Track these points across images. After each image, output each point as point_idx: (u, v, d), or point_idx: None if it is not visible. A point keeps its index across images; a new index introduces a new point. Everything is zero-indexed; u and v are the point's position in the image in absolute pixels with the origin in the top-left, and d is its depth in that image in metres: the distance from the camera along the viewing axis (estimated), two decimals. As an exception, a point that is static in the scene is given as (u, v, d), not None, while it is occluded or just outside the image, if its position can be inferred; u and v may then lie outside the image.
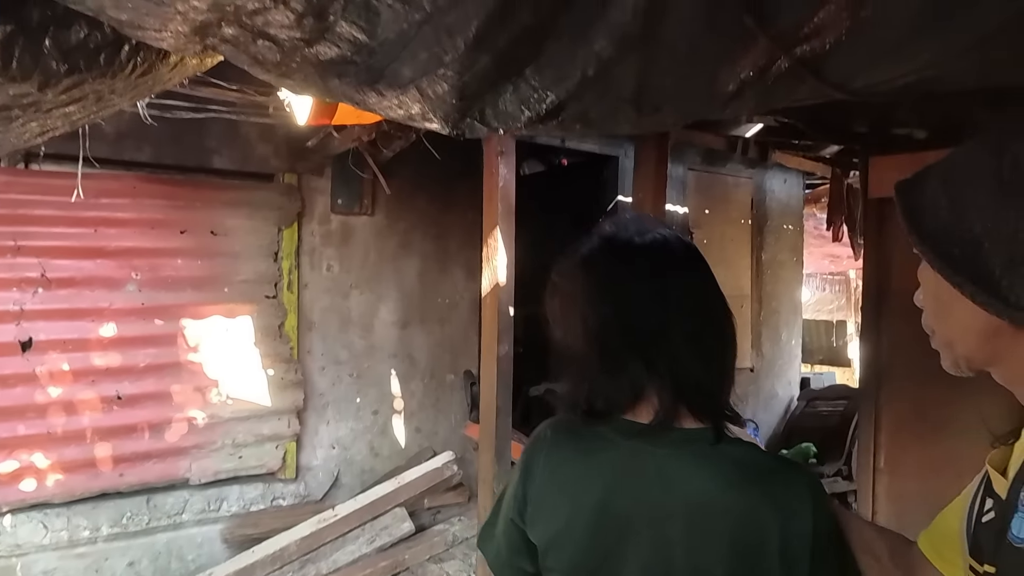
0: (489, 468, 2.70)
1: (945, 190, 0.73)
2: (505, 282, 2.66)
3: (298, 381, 3.60)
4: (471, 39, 0.96)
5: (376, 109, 1.26)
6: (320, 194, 3.74)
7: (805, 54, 1.01)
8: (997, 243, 0.67)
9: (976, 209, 0.69)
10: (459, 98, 1.14)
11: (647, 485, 0.86)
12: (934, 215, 0.73)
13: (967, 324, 0.73)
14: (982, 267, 0.68)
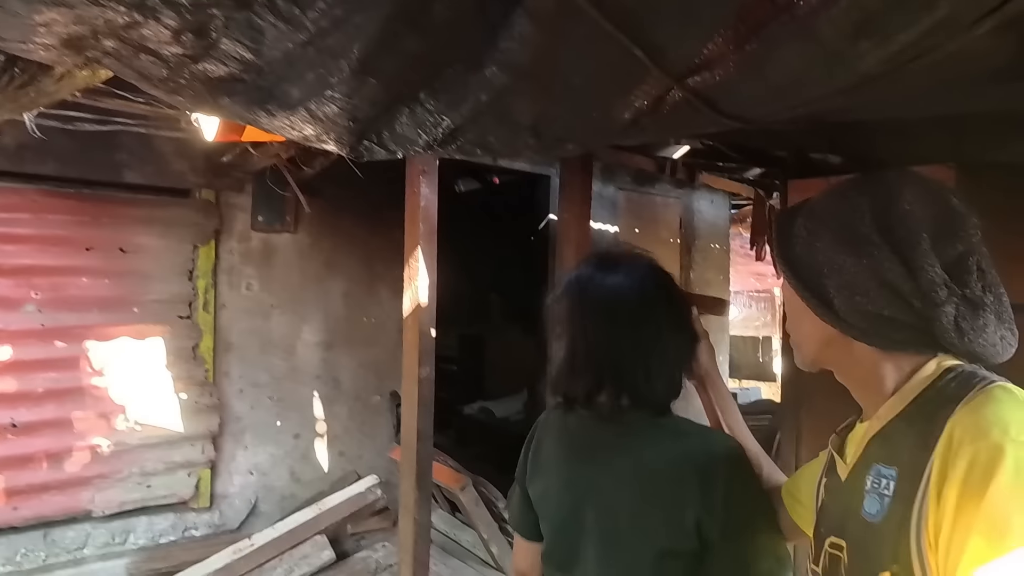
0: (411, 494, 2.63)
1: (805, 224, 0.91)
2: (427, 303, 2.62)
3: (213, 405, 3.46)
4: (355, 62, 0.93)
5: (271, 129, 1.22)
6: (240, 211, 3.62)
7: (698, 85, 1.02)
8: (834, 273, 0.86)
9: (821, 245, 0.88)
10: (351, 120, 1.11)
11: (605, 455, 1.14)
12: (795, 243, 0.91)
13: (811, 332, 0.93)
14: (822, 289, 0.87)
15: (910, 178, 0.88)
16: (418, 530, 2.62)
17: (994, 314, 0.81)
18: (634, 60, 0.94)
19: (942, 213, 0.83)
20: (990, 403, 0.75)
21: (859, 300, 0.84)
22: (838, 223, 0.87)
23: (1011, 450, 0.70)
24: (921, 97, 1.21)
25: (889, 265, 0.82)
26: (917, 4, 0.80)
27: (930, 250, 0.81)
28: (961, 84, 1.12)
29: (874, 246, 0.83)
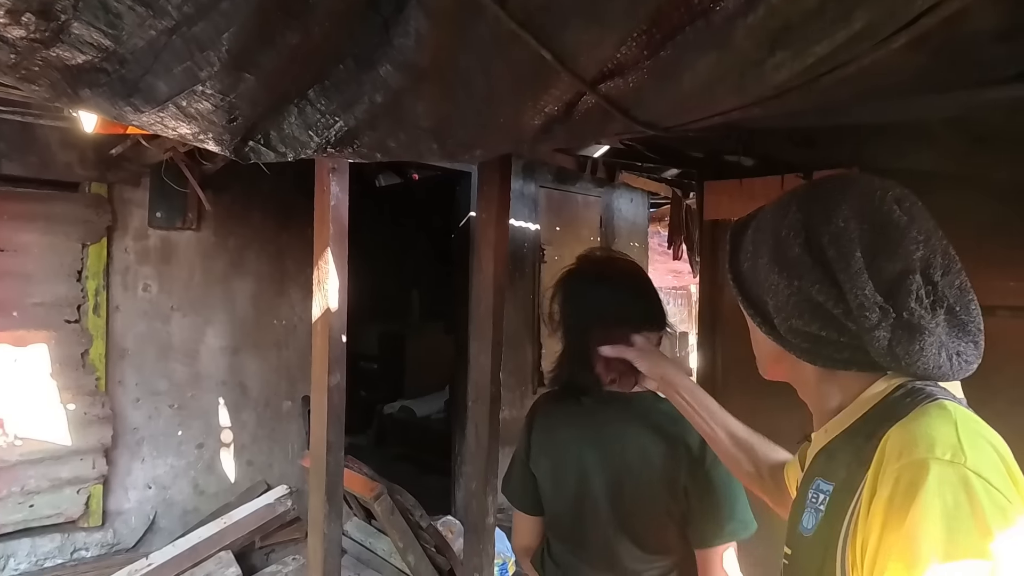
0: (320, 508, 2.50)
1: (752, 239, 0.90)
2: (338, 308, 2.49)
3: (106, 416, 3.20)
4: (226, 55, 0.82)
5: (142, 126, 1.09)
6: (136, 207, 3.37)
7: (611, 91, 0.96)
8: (771, 293, 0.85)
9: (762, 263, 0.87)
10: (230, 120, 0.99)
11: (612, 433, 1.35)
12: (743, 259, 0.92)
13: (762, 347, 0.93)
14: (764, 307, 0.88)
15: (853, 189, 0.82)
16: (328, 545, 2.50)
17: (945, 333, 0.77)
18: (543, 63, 0.87)
19: (880, 228, 0.79)
20: (921, 420, 0.73)
21: (795, 322, 0.83)
22: (775, 240, 0.85)
23: (934, 468, 0.68)
24: (830, 109, 1.20)
25: (820, 288, 0.79)
26: (834, 16, 0.77)
27: (863, 270, 0.77)
28: (870, 97, 1.11)
29: (806, 268, 0.81)
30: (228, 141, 1.07)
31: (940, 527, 0.66)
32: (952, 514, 0.66)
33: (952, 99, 1.15)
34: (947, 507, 0.66)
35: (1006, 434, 2.61)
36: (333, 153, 1.13)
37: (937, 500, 0.66)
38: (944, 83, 1.06)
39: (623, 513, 1.34)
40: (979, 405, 2.74)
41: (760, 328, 0.89)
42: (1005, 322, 3.29)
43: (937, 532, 0.66)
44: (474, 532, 2.81)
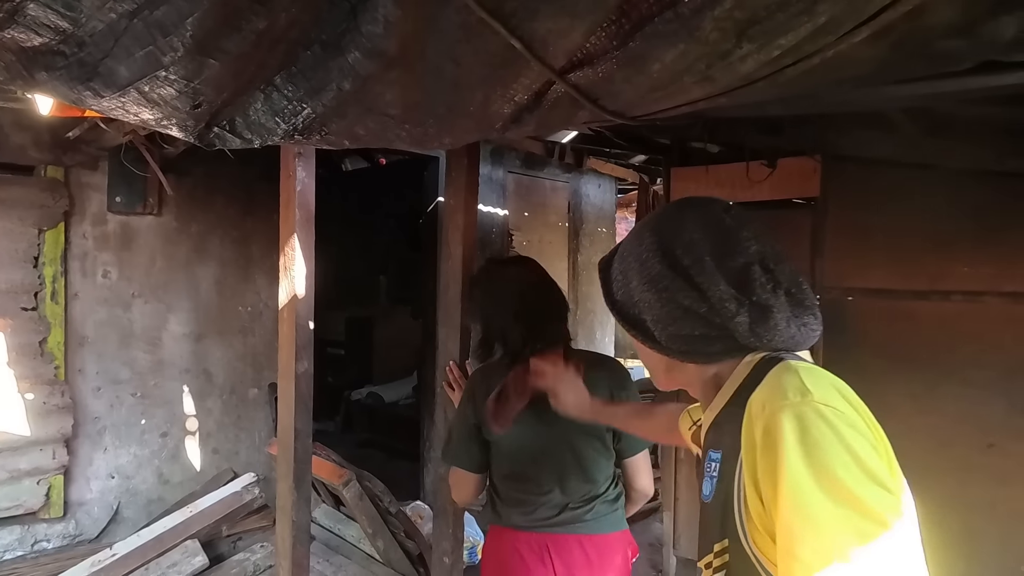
0: (288, 495, 2.49)
1: (620, 269, 1.02)
2: (304, 294, 2.46)
3: (66, 405, 3.13)
4: (189, 40, 0.80)
5: (102, 111, 1.06)
6: (94, 191, 3.28)
7: (581, 80, 0.97)
8: (647, 310, 0.97)
9: (634, 286, 0.98)
10: (194, 105, 0.97)
11: None
12: (615, 288, 1.04)
13: (653, 362, 1.04)
14: (644, 324, 0.98)
15: (691, 209, 0.99)
16: (296, 533, 2.49)
17: (789, 309, 0.90)
18: (513, 52, 0.87)
19: (719, 234, 0.94)
20: (772, 378, 0.85)
21: (671, 329, 0.95)
22: (638, 263, 0.98)
23: (788, 412, 0.78)
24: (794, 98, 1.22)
25: (684, 293, 0.92)
26: (798, 10, 0.78)
27: (715, 270, 0.91)
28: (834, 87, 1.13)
29: (668, 279, 0.93)
30: (192, 127, 1.05)
31: (805, 461, 0.74)
32: (813, 443, 0.75)
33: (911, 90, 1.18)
34: (807, 439, 0.75)
35: (960, 412, 2.69)
36: (300, 140, 1.11)
37: (796, 438, 0.76)
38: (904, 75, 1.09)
39: (575, 452, 1.70)
40: (933, 386, 2.82)
41: (645, 344, 1.00)
42: (959, 306, 3.39)
43: (804, 467, 0.74)
44: (443, 516, 2.83)
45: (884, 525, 0.72)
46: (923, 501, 0.87)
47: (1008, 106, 2.41)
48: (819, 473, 0.73)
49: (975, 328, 3.30)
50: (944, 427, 3.32)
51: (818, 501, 0.73)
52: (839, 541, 0.72)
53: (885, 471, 0.77)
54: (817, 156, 3.80)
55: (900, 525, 0.73)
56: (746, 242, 0.93)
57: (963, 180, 3.28)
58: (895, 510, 0.74)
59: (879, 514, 0.72)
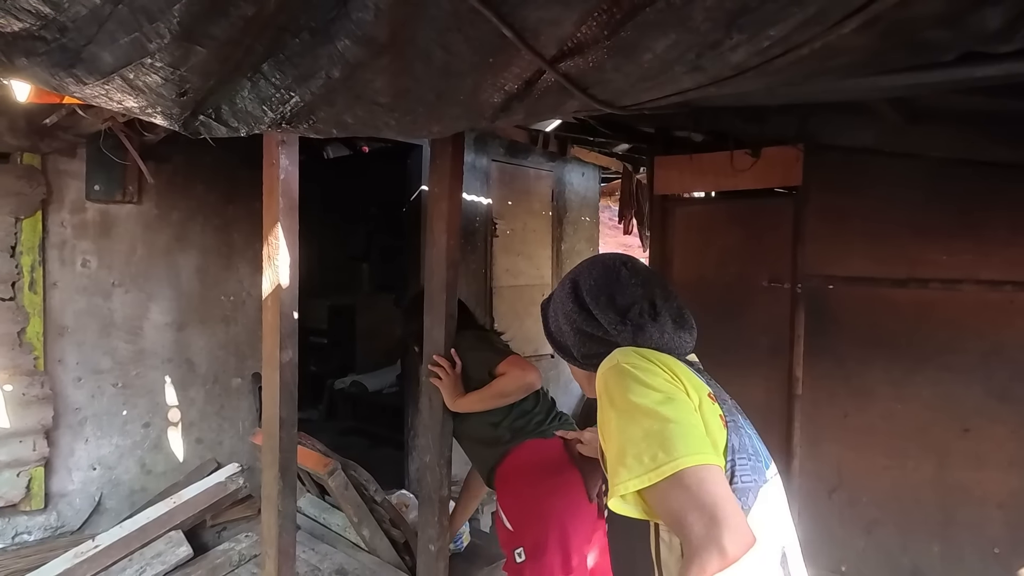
0: (273, 484, 2.48)
1: (551, 309, 1.42)
2: (288, 283, 2.44)
3: (46, 396, 3.09)
4: (176, 27, 0.79)
5: (85, 98, 1.04)
6: (72, 178, 3.22)
7: (571, 70, 0.96)
8: (568, 337, 1.36)
9: (559, 319, 1.38)
10: (180, 93, 0.96)
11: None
12: (550, 323, 1.42)
13: (578, 376, 1.43)
14: (567, 348, 1.37)
15: (598, 262, 1.38)
16: (282, 522, 2.49)
17: (670, 327, 1.27)
18: (503, 40, 0.87)
19: (613, 282, 1.31)
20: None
21: (583, 350, 1.33)
22: (560, 304, 1.38)
23: (601, 373, 1.16)
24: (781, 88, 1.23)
25: (587, 323, 1.31)
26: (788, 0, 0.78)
27: (607, 305, 1.29)
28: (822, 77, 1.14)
29: (576, 313, 1.32)
30: (178, 115, 1.03)
31: (606, 396, 1.11)
32: (611, 387, 1.11)
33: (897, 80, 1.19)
34: (607, 387, 1.12)
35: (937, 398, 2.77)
36: (288, 128, 1.10)
37: (602, 387, 1.13)
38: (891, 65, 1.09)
39: None
40: (911, 372, 2.87)
41: (570, 363, 1.39)
42: (936, 293, 3.45)
43: (607, 400, 1.11)
44: (428, 504, 2.84)
45: (655, 415, 1.04)
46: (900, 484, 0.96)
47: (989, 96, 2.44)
48: (617, 403, 1.09)
49: (952, 315, 3.36)
50: (922, 412, 3.39)
51: (618, 421, 1.07)
52: (631, 432, 1.04)
53: (665, 389, 1.09)
54: (799, 145, 3.83)
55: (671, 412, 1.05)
56: (633, 288, 1.30)
57: (942, 170, 3.32)
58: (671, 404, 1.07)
59: (652, 409, 1.05)
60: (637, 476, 1.00)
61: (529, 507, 2.27)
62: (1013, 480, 3.20)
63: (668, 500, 0.98)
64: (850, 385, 3.62)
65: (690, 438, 1.02)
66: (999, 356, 3.23)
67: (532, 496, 2.27)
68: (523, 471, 2.33)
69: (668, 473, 0.98)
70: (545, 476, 2.27)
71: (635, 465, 1.00)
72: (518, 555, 2.30)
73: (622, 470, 1.02)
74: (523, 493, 2.30)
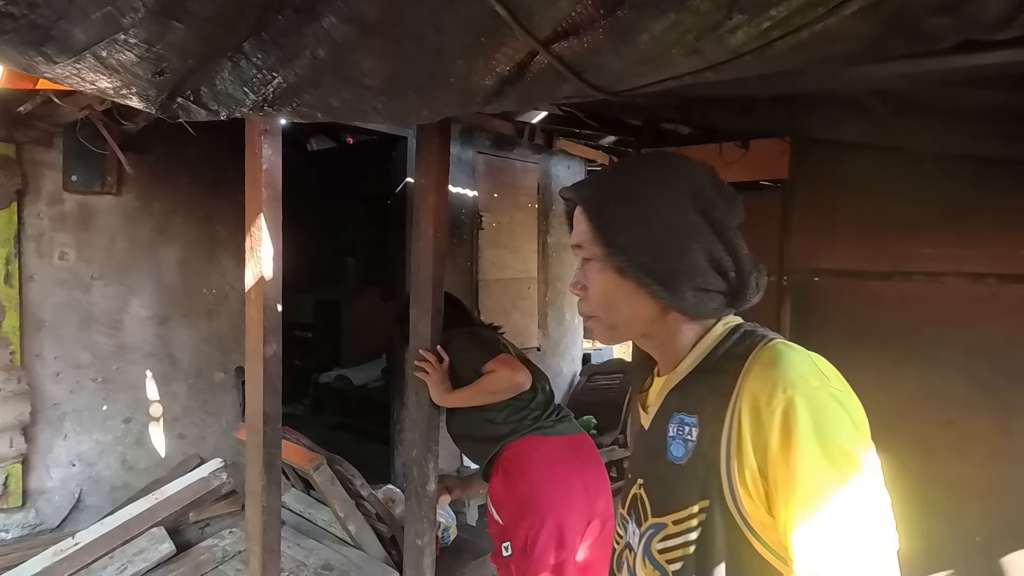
0: (258, 480, 2.44)
1: (634, 213, 0.95)
2: (272, 276, 2.40)
3: (23, 391, 3.03)
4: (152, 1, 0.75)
5: (56, 79, 0.99)
6: (49, 169, 3.15)
7: (566, 52, 0.93)
8: (674, 258, 0.93)
9: (657, 230, 0.94)
10: (156, 72, 0.92)
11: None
12: (622, 232, 0.96)
13: (638, 312, 0.98)
14: (659, 272, 0.94)
15: (699, 166, 0.99)
16: (267, 518, 2.45)
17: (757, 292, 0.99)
18: (497, 20, 0.84)
19: (727, 194, 0.98)
20: (778, 361, 0.86)
21: (697, 281, 0.94)
22: (668, 210, 0.95)
23: (800, 400, 0.81)
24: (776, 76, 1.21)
25: (718, 249, 0.94)
26: (792, -22, 0.76)
27: (737, 228, 0.96)
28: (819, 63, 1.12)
29: (704, 233, 0.94)
30: (154, 97, 0.99)
31: (818, 441, 0.79)
32: (825, 425, 0.80)
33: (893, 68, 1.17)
34: (820, 422, 0.80)
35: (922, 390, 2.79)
36: (271, 112, 1.06)
37: (812, 423, 0.80)
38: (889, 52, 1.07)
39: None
40: (896, 364, 2.87)
41: (650, 291, 0.95)
42: (921, 286, 3.46)
43: (818, 446, 0.79)
44: (415, 499, 2.81)
45: (872, 484, 0.80)
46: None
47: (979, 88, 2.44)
48: (830, 448, 0.79)
49: (937, 308, 3.37)
50: (906, 404, 3.40)
51: (824, 468, 0.78)
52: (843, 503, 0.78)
53: (868, 434, 0.84)
54: (787, 138, 3.83)
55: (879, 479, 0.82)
56: (740, 204, 0.99)
57: (928, 164, 3.33)
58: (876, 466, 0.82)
59: (868, 474, 0.80)
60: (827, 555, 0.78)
61: (522, 503, 2.24)
62: (995, 471, 3.22)
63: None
64: (835, 377, 3.63)
65: (889, 512, 0.82)
66: (983, 349, 3.25)
67: (527, 492, 2.24)
68: (517, 466, 2.30)
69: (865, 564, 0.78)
70: (540, 472, 2.25)
71: (846, 552, 0.78)
72: (505, 549, 2.29)
73: (807, 542, 0.79)
74: (516, 488, 2.27)
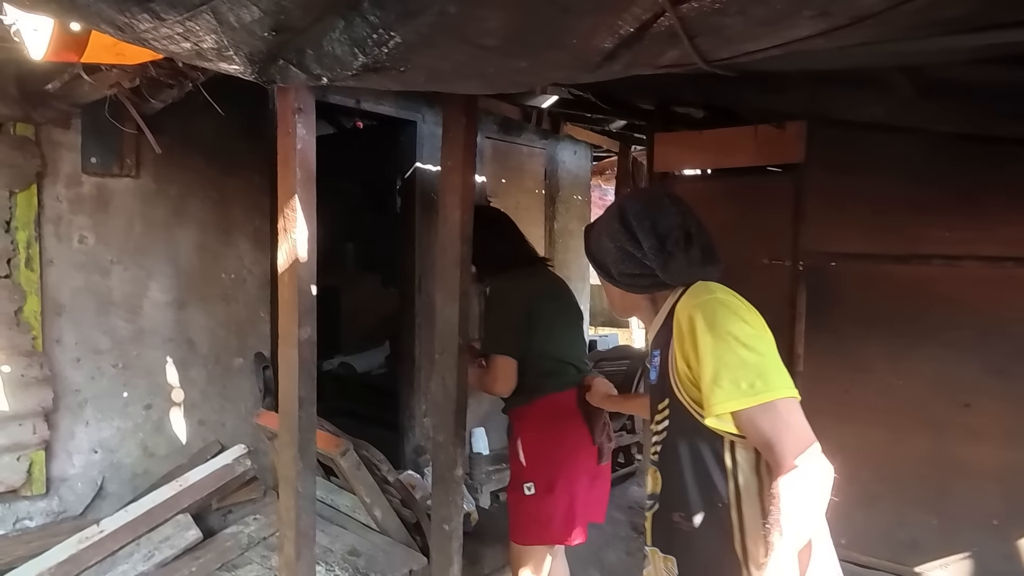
0: (291, 465, 2.41)
1: (596, 230, 1.64)
2: (307, 258, 2.36)
3: (45, 377, 2.97)
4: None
5: (148, 41, 0.95)
6: (67, 150, 3.08)
7: (691, 12, 0.91)
8: (608, 256, 1.57)
9: (603, 240, 1.58)
10: (273, 30, 0.88)
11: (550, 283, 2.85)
12: (592, 243, 1.64)
13: (612, 294, 1.67)
14: (606, 266, 1.59)
15: (644, 193, 1.71)
16: (302, 503, 2.42)
17: (698, 257, 1.46)
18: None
19: (656, 209, 1.51)
20: (689, 290, 1.41)
21: (621, 268, 1.54)
22: (607, 225, 1.57)
23: (697, 309, 1.31)
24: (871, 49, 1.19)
25: (629, 244, 1.50)
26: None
27: (649, 231, 1.47)
28: (922, 32, 1.10)
29: (621, 234, 1.51)
30: (259, 58, 0.96)
31: (708, 328, 1.26)
32: (709, 316, 1.27)
33: (985, 39, 1.16)
34: (704, 314, 1.28)
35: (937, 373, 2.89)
36: (372, 78, 1.03)
37: (698, 315, 1.28)
38: (989, 20, 1.06)
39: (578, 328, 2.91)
40: (911, 348, 2.89)
41: (608, 281, 1.61)
42: (938, 270, 3.48)
43: (708, 331, 1.25)
44: (442, 483, 2.79)
45: (750, 346, 1.24)
46: (899, 459, 1.25)
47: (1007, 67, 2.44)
48: (715, 331, 1.25)
49: (953, 291, 3.39)
50: (921, 388, 3.42)
51: (716, 347, 1.23)
52: (729, 359, 1.22)
53: (756, 325, 1.30)
54: (802, 121, 3.82)
55: (763, 346, 1.27)
56: (673, 215, 1.49)
57: (945, 145, 3.34)
58: (763, 339, 1.28)
59: (747, 340, 1.24)
60: (734, 399, 1.20)
61: (550, 448, 2.63)
62: (1010, 454, 3.25)
63: (758, 422, 1.19)
64: (850, 361, 3.64)
65: (781, 372, 1.23)
66: (999, 332, 3.27)
67: (552, 440, 2.63)
68: (550, 416, 2.66)
69: (764, 400, 1.18)
70: (566, 423, 2.65)
71: (732, 388, 1.20)
72: (527, 488, 2.65)
73: (718, 391, 1.21)
74: (544, 436, 2.64)
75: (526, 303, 2.68)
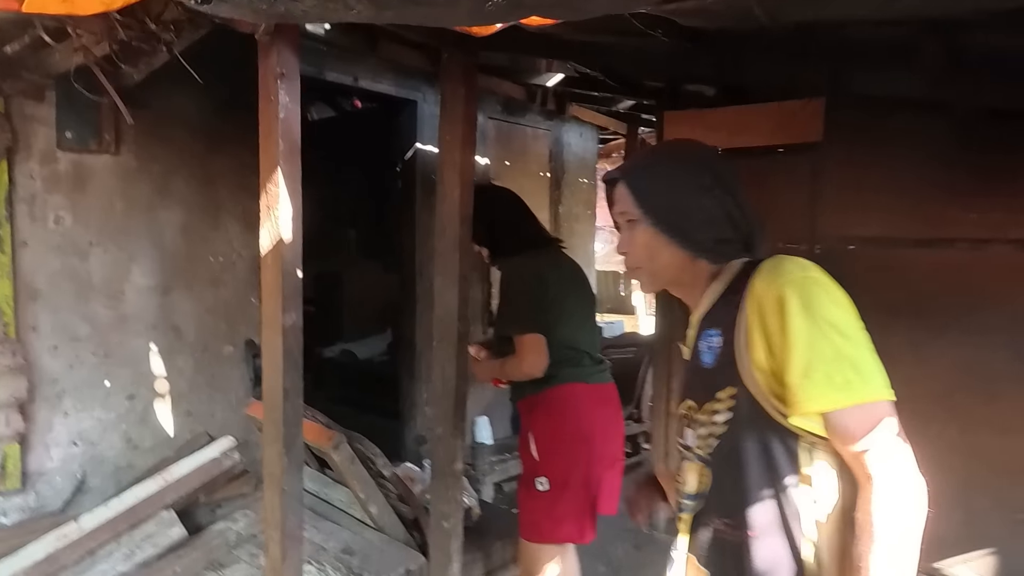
0: (277, 461, 2.25)
1: (664, 179, 1.31)
2: (291, 238, 2.19)
3: (18, 366, 2.80)
4: None
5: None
6: (41, 125, 2.90)
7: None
8: (693, 214, 1.27)
9: (682, 193, 1.28)
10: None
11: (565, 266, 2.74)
12: (655, 195, 1.30)
13: (670, 261, 1.30)
14: (682, 226, 1.28)
15: (711, 149, 1.37)
16: (287, 501, 2.25)
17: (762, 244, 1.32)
18: None
19: (731, 167, 1.31)
20: (772, 264, 1.15)
21: (711, 232, 1.26)
22: (689, 176, 1.28)
23: (788, 287, 1.08)
24: None
25: (731, 204, 1.26)
26: None
27: (742, 191, 1.28)
28: None
29: (718, 192, 1.25)
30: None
31: (804, 314, 1.05)
32: (808, 301, 1.06)
33: None
34: (805, 300, 1.06)
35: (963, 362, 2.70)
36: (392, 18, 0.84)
37: (797, 300, 1.06)
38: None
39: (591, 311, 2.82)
40: (935, 336, 2.69)
41: (677, 242, 1.28)
42: (963, 254, 3.28)
43: (805, 319, 1.05)
44: (441, 477, 2.65)
45: (850, 337, 1.05)
46: (923, 450, 1.11)
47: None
48: (812, 315, 1.05)
49: (980, 277, 3.20)
50: (947, 377, 3.24)
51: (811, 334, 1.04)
52: (824, 349, 1.04)
53: (854, 313, 1.09)
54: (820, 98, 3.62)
55: (863, 338, 1.07)
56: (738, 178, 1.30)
57: (971, 123, 3.13)
58: (860, 330, 1.08)
59: (846, 330, 1.05)
60: (827, 395, 1.03)
61: (563, 442, 2.50)
62: (1038, 446, 3.09)
63: (851, 425, 1.03)
64: (871, 349, 3.47)
65: (880, 369, 1.05)
66: (1028, 319, 3.09)
67: (568, 433, 2.51)
68: (560, 409, 2.54)
69: (861, 400, 1.02)
70: (581, 417, 2.53)
71: (825, 384, 1.03)
72: (540, 483, 2.52)
73: (809, 386, 1.04)
74: (559, 429, 2.52)
75: (544, 282, 2.56)
